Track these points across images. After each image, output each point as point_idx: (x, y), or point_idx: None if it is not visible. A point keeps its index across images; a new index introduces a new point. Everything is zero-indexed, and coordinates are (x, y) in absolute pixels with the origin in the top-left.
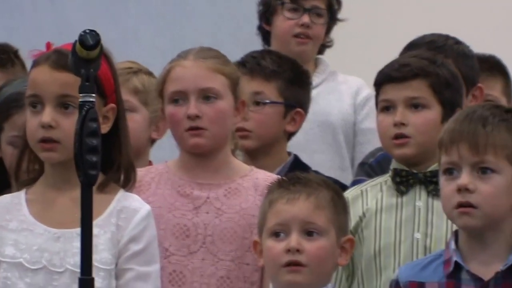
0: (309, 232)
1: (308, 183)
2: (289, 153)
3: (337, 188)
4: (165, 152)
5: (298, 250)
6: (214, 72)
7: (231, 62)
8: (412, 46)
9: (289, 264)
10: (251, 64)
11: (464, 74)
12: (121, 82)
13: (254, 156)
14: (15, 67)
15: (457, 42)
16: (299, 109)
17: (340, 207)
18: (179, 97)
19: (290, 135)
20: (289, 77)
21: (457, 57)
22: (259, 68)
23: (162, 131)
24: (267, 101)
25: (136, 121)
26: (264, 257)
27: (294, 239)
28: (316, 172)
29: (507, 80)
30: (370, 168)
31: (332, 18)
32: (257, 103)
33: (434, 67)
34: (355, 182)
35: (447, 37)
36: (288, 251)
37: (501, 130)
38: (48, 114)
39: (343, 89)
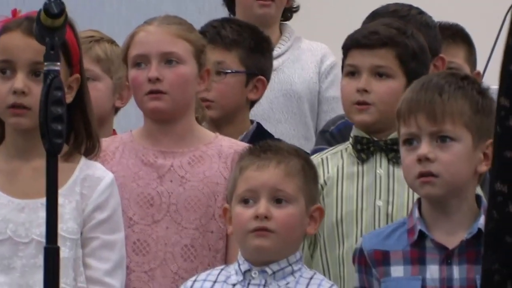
0: (278, 200)
1: (279, 151)
2: (252, 121)
3: (308, 157)
4: (130, 120)
5: (266, 217)
6: (178, 38)
7: (196, 30)
8: (375, 15)
9: (257, 230)
10: (211, 34)
11: (429, 43)
12: (83, 51)
13: (217, 125)
14: None
15: (420, 12)
16: (261, 77)
17: (310, 176)
18: (141, 61)
19: (252, 103)
20: (250, 45)
21: (419, 27)
22: (219, 37)
23: (126, 99)
24: (229, 70)
25: (99, 90)
26: (232, 223)
27: (263, 205)
28: (278, 140)
29: (470, 48)
30: (331, 136)
31: None
32: (219, 73)
33: (403, 37)
34: (316, 151)
35: (410, 7)
36: (257, 217)
37: (458, 98)
38: (21, 80)
39: (308, 56)
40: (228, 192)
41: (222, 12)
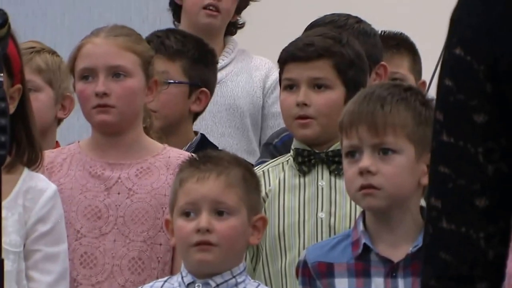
0: (219, 212)
1: (219, 161)
2: (196, 132)
3: (249, 165)
4: (74, 132)
5: (208, 230)
6: (125, 50)
7: (144, 40)
8: (313, 27)
9: (199, 243)
10: (156, 44)
11: (366, 53)
12: (24, 62)
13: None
14: None
15: (358, 21)
16: (204, 89)
17: (251, 185)
18: (89, 74)
19: (196, 115)
20: (194, 56)
21: (358, 35)
22: (163, 47)
23: (69, 110)
24: (171, 80)
25: (40, 101)
26: (175, 236)
27: (204, 218)
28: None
29: (415, 57)
30: (274, 149)
31: None
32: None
33: (339, 46)
34: (259, 163)
35: (348, 16)
36: (198, 231)
37: (400, 109)
38: None
39: (252, 70)
40: (170, 204)
41: (166, 22)
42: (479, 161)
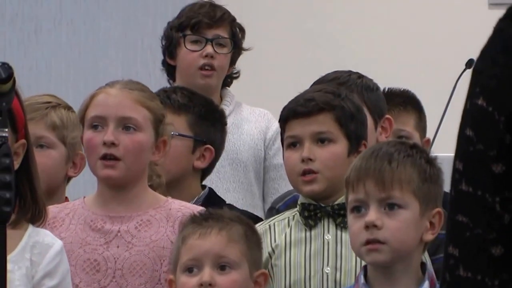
0: (222, 266)
1: (220, 218)
2: (204, 187)
3: (250, 222)
4: (79, 189)
5: (210, 284)
6: (138, 104)
7: (158, 99)
8: (316, 85)
9: None
10: (162, 98)
11: (370, 107)
12: (39, 117)
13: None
14: None
15: (360, 76)
16: (208, 146)
17: (253, 242)
18: (99, 123)
19: (204, 172)
20: (200, 112)
21: (361, 90)
22: (169, 100)
23: (79, 169)
24: (175, 133)
25: (52, 158)
26: None
27: (207, 273)
28: (230, 205)
29: (420, 115)
30: (278, 213)
31: (236, 47)
32: None
33: (339, 100)
34: None
35: (350, 73)
36: (201, 285)
37: (406, 166)
38: None
39: (251, 122)
40: (172, 262)
41: None
42: (496, 210)
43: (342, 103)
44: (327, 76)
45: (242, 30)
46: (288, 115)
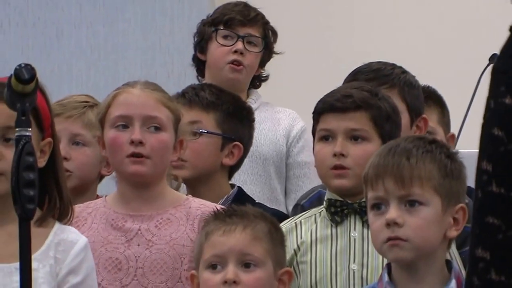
0: (246, 264)
1: (244, 215)
2: (233, 186)
3: (275, 220)
4: (100, 186)
5: (235, 282)
6: (161, 104)
7: (175, 100)
8: (357, 74)
9: None
10: (190, 95)
11: (410, 104)
12: (76, 115)
13: (192, 186)
14: None
15: (404, 71)
16: (237, 143)
17: (277, 240)
18: (124, 122)
19: (231, 169)
20: (228, 110)
21: (403, 86)
22: (198, 98)
23: (112, 168)
24: (203, 130)
25: (87, 156)
26: None
27: (231, 270)
28: (259, 204)
29: (443, 110)
30: (302, 210)
31: (266, 48)
32: (194, 134)
33: (376, 100)
34: None
35: (393, 66)
36: (225, 282)
37: (426, 162)
38: None
39: (276, 119)
40: (195, 258)
41: (191, 77)
42: None
43: (379, 103)
44: (371, 66)
45: (275, 33)
46: (324, 108)
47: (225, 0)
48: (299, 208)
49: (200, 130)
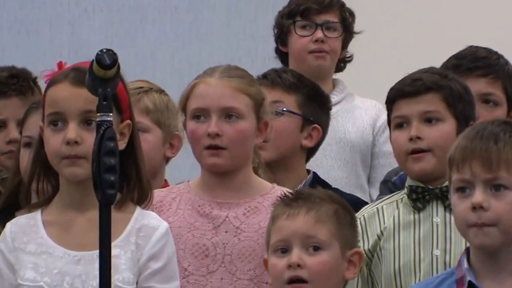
0: (311, 247)
1: (309, 198)
2: (309, 171)
3: (343, 202)
4: (184, 172)
5: (299, 265)
6: (238, 92)
7: (256, 83)
8: (460, 57)
9: (291, 279)
10: (273, 76)
11: (509, 95)
12: (133, 103)
13: (273, 170)
14: (34, 95)
15: (507, 62)
16: (316, 125)
17: (344, 221)
18: (201, 114)
19: (309, 153)
20: (309, 94)
21: (507, 77)
22: (280, 79)
23: (177, 149)
24: (285, 109)
25: (149, 141)
26: (269, 274)
27: (295, 254)
28: (335, 189)
29: None
30: (393, 186)
31: (346, 31)
32: (276, 113)
33: (446, 80)
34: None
35: (499, 56)
36: (290, 266)
37: None
38: (73, 131)
39: (362, 109)
40: (265, 243)
41: (275, 62)
42: None
43: (450, 83)
44: (475, 52)
45: (352, 14)
46: (396, 95)
47: None
48: (390, 184)
49: (282, 109)
